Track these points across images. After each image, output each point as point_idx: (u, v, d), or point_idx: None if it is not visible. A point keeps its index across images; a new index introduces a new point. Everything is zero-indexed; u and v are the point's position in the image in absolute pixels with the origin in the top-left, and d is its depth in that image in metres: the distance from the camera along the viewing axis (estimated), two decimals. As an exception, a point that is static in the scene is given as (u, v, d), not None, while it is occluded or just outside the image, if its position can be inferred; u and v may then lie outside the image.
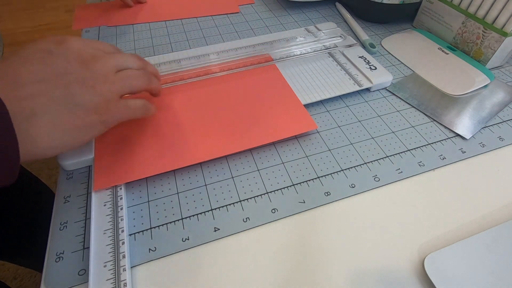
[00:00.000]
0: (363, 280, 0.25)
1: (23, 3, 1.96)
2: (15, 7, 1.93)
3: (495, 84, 0.41)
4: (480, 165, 0.33)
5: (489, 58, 0.42)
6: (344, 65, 0.42)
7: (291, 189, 0.30)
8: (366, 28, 0.52)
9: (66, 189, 0.30)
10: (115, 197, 0.28)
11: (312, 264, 0.25)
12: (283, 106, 0.36)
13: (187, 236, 0.27)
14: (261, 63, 0.41)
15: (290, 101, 0.37)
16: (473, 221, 0.28)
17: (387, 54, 0.46)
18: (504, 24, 0.39)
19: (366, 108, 0.38)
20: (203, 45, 0.47)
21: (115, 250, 0.25)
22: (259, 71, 0.40)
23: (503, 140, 0.35)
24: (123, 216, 0.27)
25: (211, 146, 0.32)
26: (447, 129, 0.36)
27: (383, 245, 0.27)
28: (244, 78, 0.39)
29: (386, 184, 0.31)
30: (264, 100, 0.37)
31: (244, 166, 0.32)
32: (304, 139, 0.34)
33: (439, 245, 0.26)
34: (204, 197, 0.29)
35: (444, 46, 0.46)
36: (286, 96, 0.37)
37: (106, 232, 0.26)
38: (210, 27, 0.51)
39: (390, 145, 0.34)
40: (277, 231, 0.27)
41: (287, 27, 0.51)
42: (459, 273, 0.24)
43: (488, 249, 0.26)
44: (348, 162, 0.32)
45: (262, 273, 0.25)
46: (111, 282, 0.23)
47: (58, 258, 0.25)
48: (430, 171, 0.32)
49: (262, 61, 0.41)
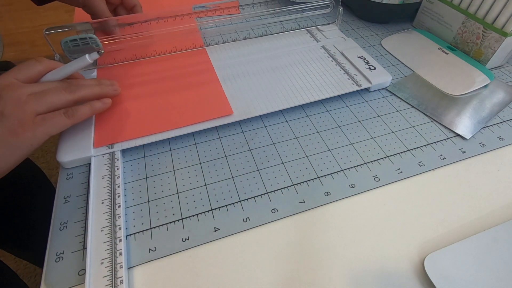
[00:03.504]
0: (363, 280, 0.25)
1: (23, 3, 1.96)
2: (15, 7, 1.93)
3: (495, 84, 0.41)
4: (480, 165, 0.33)
5: (489, 58, 0.42)
6: (344, 65, 0.42)
7: (291, 189, 0.30)
8: (366, 28, 0.52)
9: (66, 189, 0.30)
10: (113, 195, 0.28)
11: (312, 264, 0.25)
12: (204, 90, 0.38)
13: (187, 236, 0.27)
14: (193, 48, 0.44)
15: (212, 86, 0.39)
16: (473, 221, 0.28)
17: (387, 54, 0.46)
18: (504, 24, 0.39)
19: (366, 108, 0.38)
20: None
21: (112, 248, 0.25)
22: (190, 54, 0.44)
23: (503, 140, 0.35)
24: (121, 214, 0.27)
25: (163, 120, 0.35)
26: (447, 129, 0.36)
27: (383, 245, 0.27)
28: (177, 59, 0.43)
29: (386, 184, 0.31)
30: (191, 83, 0.39)
31: (244, 166, 0.32)
32: (304, 139, 0.34)
33: (439, 245, 0.26)
34: (204, 197, 0.29)
35: (444, 46, 0.46)
36: (209, 81, 0.39)
37: (104, 230, 0.26)
38: (210, 28, 0.51)
39: (390, 145, 0.34)
40: (277, 231, 0.27)
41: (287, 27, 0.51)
42: (459, 273, 0.24)
43: (488, 249, 0.26)
44: (348, 162, 0.32)
45: (262, 273, 0.25)
46: (108, 279, 0.23)
47: (58, 258, 0.25)
48: (430, 171, 0.32)
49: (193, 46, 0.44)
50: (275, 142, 0.34)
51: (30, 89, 0.28)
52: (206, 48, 0.45)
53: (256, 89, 0.38)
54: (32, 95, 0.28)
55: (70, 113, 0.29)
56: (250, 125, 0.36)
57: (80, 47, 0.38)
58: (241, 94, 0.38)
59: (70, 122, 0.29)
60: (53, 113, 0.29)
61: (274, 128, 0.36)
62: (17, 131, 0.26)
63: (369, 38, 0.50)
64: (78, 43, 0.37)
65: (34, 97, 0.28)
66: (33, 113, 0.27)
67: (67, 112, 0.29)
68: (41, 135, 0.27)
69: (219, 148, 0.33)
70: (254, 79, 0.40)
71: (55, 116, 0.28)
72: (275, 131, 0.35)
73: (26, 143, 0.27)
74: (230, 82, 0.40)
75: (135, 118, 0.35)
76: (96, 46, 0.38)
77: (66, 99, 0.30)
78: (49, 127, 0.28)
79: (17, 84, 0.28)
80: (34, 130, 0.27)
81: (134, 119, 0.34)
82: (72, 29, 0.37)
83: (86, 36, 0.37)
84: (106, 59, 0.41)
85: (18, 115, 0.26)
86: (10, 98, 0.27)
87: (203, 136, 0.35)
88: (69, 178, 0.31)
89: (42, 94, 0.28)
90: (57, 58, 0.37)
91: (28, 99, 0.27)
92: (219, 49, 0.45)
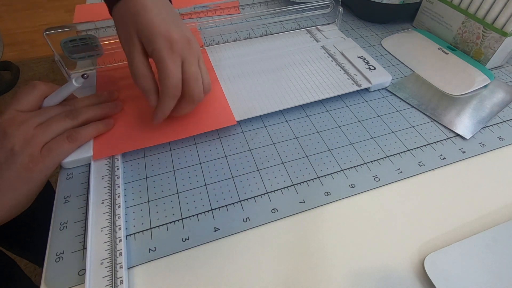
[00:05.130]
0: (363, 280, 0.25)
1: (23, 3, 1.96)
2: (15, 7, 1.93)
3: (495, 84, 0.41)
4: (480, 165, 0.33)
5: (489, 58, 0.42)
6: (343, 65, 0.42)
7: (291, 189, 0.30)
8: (366, 28, 0.52)
9: (66, 189, 0.30)
10: (113, 195, 0.28)
11: (312, 264, 0.25)
12: (206, 97, 0.35)
13: (187, 236, 0.27)
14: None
15: (215, 93, 0.37)
16: (473, 221, 0.28)
17: (387, 54, 0.46)
18: (504, 24, 0.39)
19: (366, 108, 0.38)
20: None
21: (112, 248, 0.25)
22: None
23: (503, 140, 0.35)
24: (121, 214, 0.27)
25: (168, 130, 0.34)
26: (447, 129, 0.36)
27: (383, 245, 0.27)
28: None
29: (386, 184, 0.31)
30: None
31: (244, 166, 0.32)
32: (304, 139, 0.34)
33: (439, 245, 0.26)
34: (204, 197, 0.29)
35: (444, 46, 0.46)
36: (212, 87, 0.37)
37: (104, 230, 0.26)
38: (210, 28, 0.51)
39: (390, 145, 0.34)
40: (277, 231, 0.27)
41: (287, 27, 0.51)
42: (459, 273, 0.24)
43: (488, 249, 0.26)
44: (348, 162, 0.32)
45: (262, 273, 0.25)
46: (108, 279, 0.23)
47: (58, 258, 0.25)
48: (430, 171, 0.32)
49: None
50: (275, 142, 0.34)
51: (34, 120, 0.29)
52: (206, 48, 0.46)
53: (256, 89, 0.38)
54: (38, 128, 0.29)
55: (74, 138, 0.30)
56: (250, 125, 0.36)
57: (79, 47, 0.38)
58: (241, 94, 0.38)
59: (74, 146, 0.31)
60: (57, 141, 0.29)
61: (274, 128, 0.36)
62: (30, 166, 0.27)
63: (369, 38, 0.50)
64: (78, 43, 0.37)
65: (40, 129, 0.29)
66: (41, 145, 0.28)
67: (70, 137, 0.30)
68: (51, 165, 0.29)
69: (219, 148, 0.33)
70: (254, 79, 0.40)
71: (59, 144, 0.29)
72: (275, 131, 0.35)
73: (41, 175, 0.28)
74: (230, 82, 0.40)
75: (135, 129, 0.33)
76: (96, 46, 0.38)
77: (70, 126, 0.31)
78: (56, 156, 0.29)
79: (21, 117, 0.29)
80: (44, 162, 0.28)
81: (134, 130, 0.33)
82: (72, 29, 0.37)
83: (85, 37, 0.37)
84: (106, 59, 0.41)
85: (28, 150, 0.27)
86: (17, 135, 0.27)
87: (203, 136, 0.35)
88: (69, 178, 0.31)
89: (47, 125, 0.29)
90: (57, 58, 0.37)
91: (35, 132, 0.28)
92: (219, 49, 0.45)
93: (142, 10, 0.28)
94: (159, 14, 0.29)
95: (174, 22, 0.29)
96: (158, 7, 0.29)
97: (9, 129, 0.28)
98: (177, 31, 0.29)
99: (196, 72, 0.30)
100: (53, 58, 0.35)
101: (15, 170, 0.26)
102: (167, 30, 0.28)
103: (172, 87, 0.29)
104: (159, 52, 0.28)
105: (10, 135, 0.27)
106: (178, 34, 0.29)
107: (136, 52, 0.29)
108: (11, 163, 0.26)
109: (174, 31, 0.29)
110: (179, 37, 0.29)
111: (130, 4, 0.29)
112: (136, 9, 0.28)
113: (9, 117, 0.28)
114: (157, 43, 0.28)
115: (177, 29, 0.29)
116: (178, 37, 0.29)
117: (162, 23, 0.28)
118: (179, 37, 0.29)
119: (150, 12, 0.28)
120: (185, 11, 0.53)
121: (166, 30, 0.28)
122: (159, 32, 0.28)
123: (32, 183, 0.28)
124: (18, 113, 0.29)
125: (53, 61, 1.46)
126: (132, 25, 0.29)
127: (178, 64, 0.29)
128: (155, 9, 0.29)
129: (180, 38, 0.29)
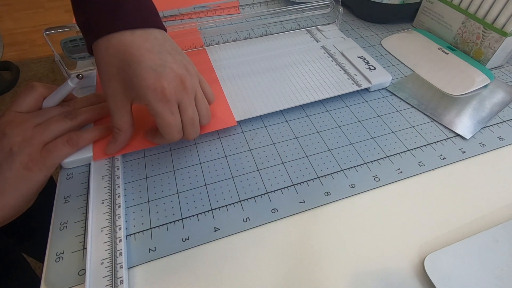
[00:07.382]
0: (363, 280, 0.25)
1: (23, 3, 1.96)
2: (15, 7, 1.93)
3: (495, 84, 0.41)
4: (480, 165, 0.33)
5: (489, 58, 0.42)
6: (343, 65, 0.42)
7: (291, 189, 0.30)
8: (366, 28, 0.52)
9: (66, 189, 0.30)
10: (113, 195, 0.28)
11: (312, 264, 0.25)
12: None
13: (187, 236, 0.27)
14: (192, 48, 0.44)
15: (215, 94, 0.35)
16: (473, 221, 0.28)
17: (387, 54, 0.46)
18: (504, 24, 0.39)
19: (366, 108, 0.38)
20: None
21: (112, 248, 0.25)
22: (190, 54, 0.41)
23: (503, 140, 0.35)
24: (121, 214, 0.27)
25: None
26: (447, 129, 0.36)
27: (383, 245, 0.27)
28: None
29: (386, 184, 0.31)
30: None
31: (244, 166, 0.32)
32: (304, 139, 0.34)
33: (439, 245, 0.26)
34: (204, 197, 0.29)
35: (444, 46, 0.46)
36: (209, 82, 0.34)
37: (104, 230, 0.26)
38: (210, 28, 0.51)
39: (390, 145, 0.34)
40: (277, 231, 0.27)
41: (287, 27, 0.51)
42: (459, 273, 0.24)
43: (488, 249, 0.26)
44: (348, 162, 0.32)
45: (262, 273, 0.25)
46: (108, 279, 0.23)
47: (58, 258, 0.25)
48: (430, 171, 0.32)
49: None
50: (275, 142, 0.34)
51: (33, 120, 0.29)
52: (206, 48, 0.46)
53: (256, 89, 0.38)
54: (36, 128, 0.29)
55: (75, 142, 0.30)
56: (250, 125, 0.36)
57: (79, 47, 0.38)
58: (241, 94, 0.38)
59: (73, 150, 0.31)
60: (56, 143, 0.29)
61: (274, 128, 0.36)
62: (29, 166, 0.27)
63: (369, 38, 0.50)
64: (78, 43, 0.37)
65: (39, 129, 0.29)
66: (40, 145, 0.28)
67: (70, 141, 0.30)
68: (50, 166, 0.29)
69: (219, 148, 0.33)
70: (254, 79, 0.40)
71: (59, 147, 0.29)
72: (275, 131, 0.35)
73: (40, 175, 0.28)
74: (230, 82, 0.40)
75: (135, 130, 0.32)
76: None
77: (69, 126, 0.31)
78: (54, 158, 0.29)
79: (20, 118, 0.29)
80: (44, 162, 0.28)
81: (134, 131, 0.32)
82: (72, 29, 0.37)
83: None
84: None
85: (27, 150, 0.27)
86: (16, 135, 0.27)
87: (203, 136, 0.35)
88: (69, 178, 0.31)
89: (46, 125, 0.29)
90: (57, 58, 0.37)
91: (34, 132, 0.28)
92: (219, 49, 0.45)
93: (128, 54, 0.26)
94: (145, 60, 0.26)
95: (161, 61, 0.27)
96: (144, 46, 0.27)
97: (7, 130, 0.28)
98: (166, 75, 0.26)
99: (192, 115, 0.29)
100: (53, 58, 0.35)
101: (14, 170, 0.26)
102: (155, 80, 0.26)
103: (174, 136, 0.29)
104: (154, 108, 0.27)
105: (9, 136, 0.27)
106: (168, 79, 0.27)
107: (120, 104, 0.28)
108: (10, 163, 0.26)
109: (163, 77, 0.26)
110: (170, 81, 0.27)
111: (113, 42, 0.26)
112: (119, 52, 0.26)
113: (8, 119, 0.28)
114: (148, 97, 0.26)
115: (165, 72, 0.27)
116: (167, 83, 0.26)
117: (149, 73, 0.26)
118: (170, 81, 0.27)
119: (137, 60, 0.26)
120: (185, 11, 0.53)
121: (154, 80, 0.26)
122: (147, 85, 0.26)
123: (32, 182, 0.27)
124: (17, 114, 0.29)
125: (53, 61, 1.46)
126: (115, 68, 0.27)
127: (176, 110, 0.28)
128: (140, 50, 0.26)
129: (171, 81, 0.27)
